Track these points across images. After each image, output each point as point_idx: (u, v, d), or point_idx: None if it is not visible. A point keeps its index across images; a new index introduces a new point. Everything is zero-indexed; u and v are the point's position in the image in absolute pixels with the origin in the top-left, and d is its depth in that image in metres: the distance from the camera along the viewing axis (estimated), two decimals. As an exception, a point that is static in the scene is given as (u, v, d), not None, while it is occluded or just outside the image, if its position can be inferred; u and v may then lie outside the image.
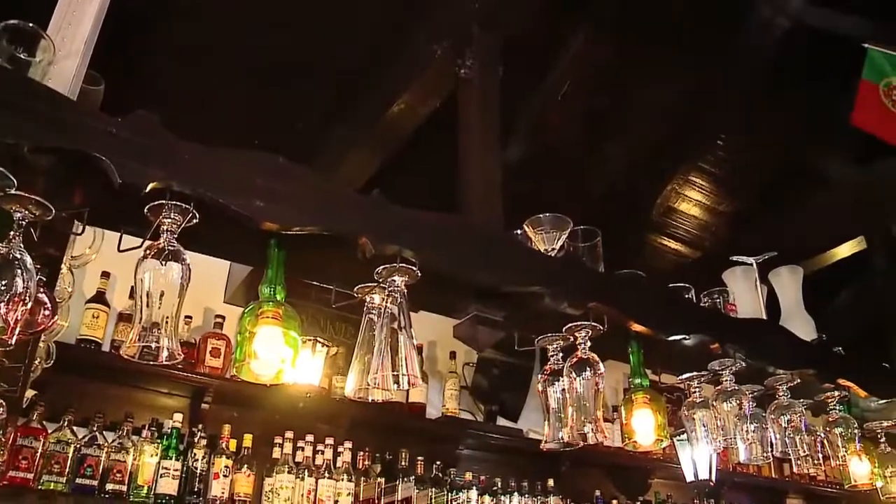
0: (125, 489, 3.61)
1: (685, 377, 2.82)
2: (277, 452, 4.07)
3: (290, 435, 4.11)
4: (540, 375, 2.45)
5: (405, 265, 2.10)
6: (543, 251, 2.32)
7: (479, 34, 2.98)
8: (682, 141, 5.50)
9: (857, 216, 4.64)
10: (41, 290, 1.99)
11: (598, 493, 5.12)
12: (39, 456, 3.44)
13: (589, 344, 2.35)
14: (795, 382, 3.00)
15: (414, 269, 2.11)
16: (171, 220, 1.95)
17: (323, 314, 4.59)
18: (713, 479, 4.76)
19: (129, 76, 3.60)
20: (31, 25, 1.84)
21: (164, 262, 1.97)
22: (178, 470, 3.74)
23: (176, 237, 1.98)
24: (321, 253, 2.30)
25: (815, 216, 4.85)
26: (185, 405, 4.08)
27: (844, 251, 4.76)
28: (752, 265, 3.12)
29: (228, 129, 3.98)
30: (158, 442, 3.77)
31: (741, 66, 5.41)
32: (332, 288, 2.42)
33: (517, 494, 4.64)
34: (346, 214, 2.10)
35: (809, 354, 3.02)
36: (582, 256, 2.39)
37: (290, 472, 4.03)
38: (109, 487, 3.58)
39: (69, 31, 1.94)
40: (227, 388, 3.98)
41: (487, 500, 4.54)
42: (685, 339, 2.50)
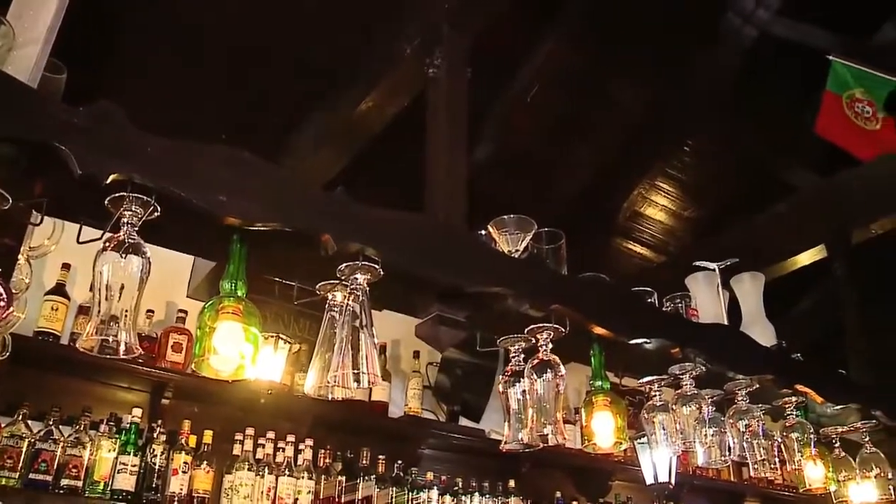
0: (81, 485, 3.55)
1: (646, 380, 2.84)
2: (238, 449, 4.04)
3: (250, 432, 4.08)
4: (501, 376, 2.45)
5: (367, 263, 2.10)
6: (507, 252, 2.32)
7: (448, 34, 2.98)
8: (649, 146, 5.54)
9: (818, 224, 4.70)
10: (-4, 280, 1.95)
11: (558, 494, 5.14)
12: (-8, 450, 3.39)
13: (550, 346, 2.36)
14: (754, 387, 3.04)
15: (376, 267, 2.10)
16: (131, 212, 1.92)
17: (286, 311, 4.57)
18: (673, 481, 4.80)
19: (92, 66, 3.57)
20: (-12, 10, 1.81)
21: (123, 254, 1.94)
22: (136, 465, 3.70)
23: (137, 230, 1.94)
24: (284, 249, 2.28)
25: (777, 223, 4.90)
26: (144, 400, 4.04)
27: (805, 259, 4.81)
28: (714, 271, 3.15)
29: (195, 123, 3.98)
30: (116, 437, 3.72)
31: (709, 73, 5.47)
32: (294, 284, 2.40)
33: (478, 494, 4.65)
34: (309, 211, 2.09)
35: (768, 360, 3.05)
36: (545, 258, 2.39)
37: (250, 469, 4.00)
38: (64, 483, 3.52)
39: (30, 16, 1.90)
40: (187, 383, 3.94)
41: (448, 499, 4.54)
42: (646, 342, 2.51)
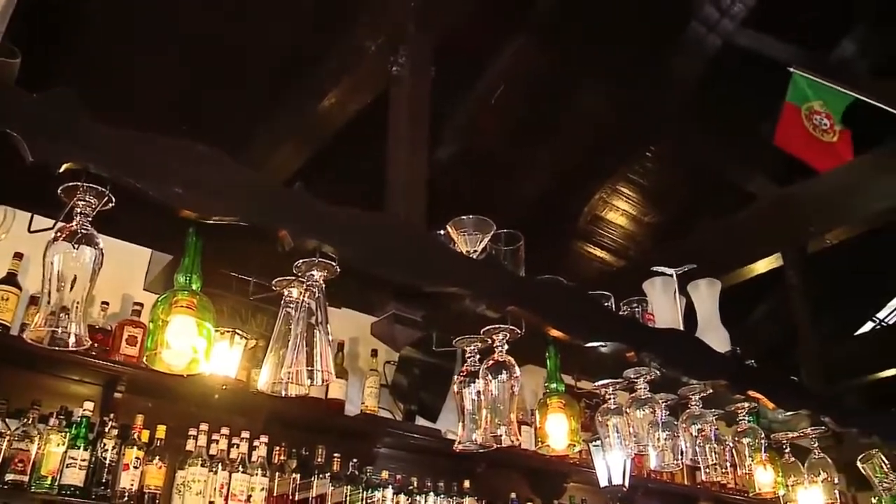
0: (27, 479, 3.47)
1: (600, 384, 2.86)
2: (191, 445, 3.98)
3: (204, 427, 4.02)
4: (456, 376, 2.45)
5: (324, 260, 2.08)
6: (465, 253, 2.32)
7: (413, 33, 2.97)
8: (612, 151, 5.59)
9: (774, 233, 4.77)
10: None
11: (513, 495, 5.15)
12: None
13: (506, 347, 2.36)
14: (708, 392, 3.07)
15: (333, 264, 2.09)
16: (85, 202, 1.89)
17: (244, 306, 4.53)
18: (627, 484, 4.83)
19: (50, 53, 3.51)
20: (-62, -8, 1.77)
21: (76, 245, 1.91)
22: (85, 460, 3.63)
23: (91, 220, 1.91)
24: (241, 244, 2.27)
25: (735, 231, 4.98)
26: (96, 393, 3.97)
27: (762, 266, 4.89)
28: (672, 276, 3.17)
29: (155, 114, 3.94)
30: (66, 431, 3.65)
31: (674, 80, 5.54)
32: (250, 280, 2.39)
33: (433, 494, 4.65)
34: (266, 206, 2.06)
35: (722, 366, 3.07)
36: (503, 260, 2.39)
37: (203, 465, 3.95)
38: (9, 478, 3.43)
39: (-19, 1, 1.86)
40: (141, 377, 3.87)
41: (403, 499, 4.53)
42: (602, 346, 2.52)
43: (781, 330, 5.81)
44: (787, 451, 3.74)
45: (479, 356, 2.44)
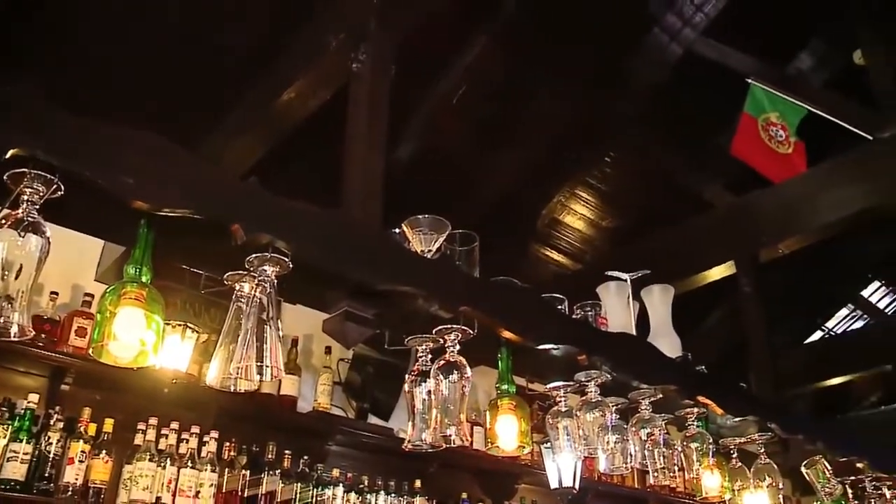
0: (-35, 473, 3.40)
1: (551, 386, 2.87)
2: (140, 439, 3.91)
3: (153, 421, 3.96)
4: (407, 375, 2.44)
5: (277, 256, 2.07)
6: (420, 252, 2.31)
7: (375, 30, 2.96)
8: (571, 155, 5.62)
9: (729, 241, 4.84)
10: None
11: (464, 495, 5.16)
12: None
13: (458, 347, 2.36)
14: (658, 397, 3.10)
15: (286, 260, 2.08)
16: (32, 189, 1.86)
17: (198, 300, 4.47)
18: (577, 486, 4.86)
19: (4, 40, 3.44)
20: None
21: (22, 233, 1.87)
22: (28, 454, 3.53)
23: (38, 209, 1.88)
24: (193, 237, 2.24)
25: (690, 238, 5.04)
26: (42, 385, 3.88)
27: (716, 274, 4.95)
28: (626, 281, 3.20)
29: (112, 104, 3.87)
30: (9, 423, 3.56)
31: (635, 86, 5.58)
32: (202, 273, 2.36)
33: (383, 493, 4.64)
34: (219, 199, 2.05)
35: (673, 371, 3.11)
36: (458, 260, 2.39)
37: (151, 459, 3.88)
38: (-54, 472, 3.36)
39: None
40: (89, 369, 3.78)
41: (353, 497, 4.51)
42: (554, 348, 2.53)
43: (734, 337, 5.89)
44: (734, 456, 3.79)
45: (430, 356, 2.44)
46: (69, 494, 3.59)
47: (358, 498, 4.53)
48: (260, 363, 2.11)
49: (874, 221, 5.89)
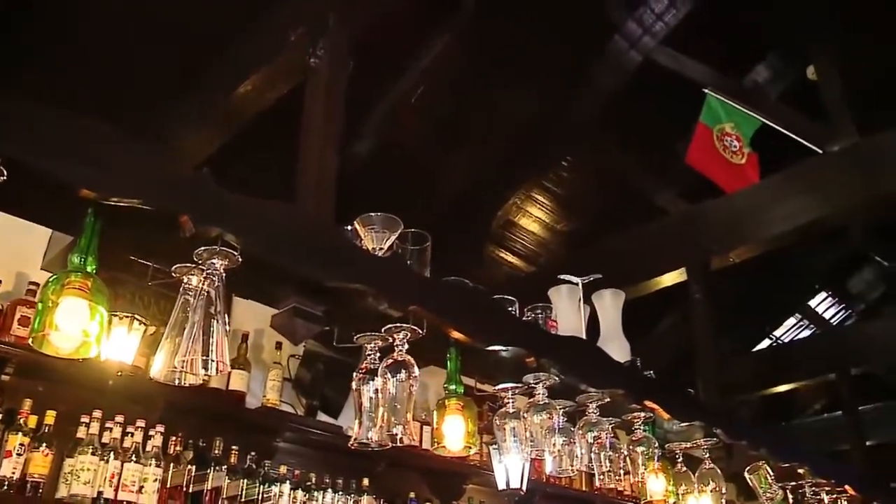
0: None
1: (500, 387, 2.88)
2: (83, 432, 3.84)
3: (97, 414, 3.89)
4: (355, 373, 2.44)
5: (226, 249, 2.05)
6: (371, 250, 2.31)
7: (334, 26, 2.94)
8: (529, 157, 5.65)
9: (681, 248, 4.90)
10: None
11: (412, 495, 5.15)
12: None
13: (407, 346, 2.36)
14: (605, 401, 3.13)
15: (234, 254, 2.06)
16: (-25, 176, 1.81)
17: (147, 291, 4.40)
18: (524, 488, 4.88)
19: None
20: None
21: (-39, 219, 1.82)
22: (-39, 447, 3.46)
23: (-21, 195, 1.84)
24: (142, 227, 2.20)
25: (644, 244, 5.09)
26: (-20, 375, 3.80)
27: (668, 280, 5.01)
28: (577, 285, 3.22)
29: (65, 91, 3.80)
30: (-56, 416, 3.49)
31: (594, 92, 5.63)
32: (150, 264, 2.33)
33: (331, 491, 4.61)
34: (169, 190, 2.01)
35: (621, 375, 3.14)
36: (409, 259, 2.39)
37: (94, 453, 3.81)
38: None
39: None
40: (31, 359, 3.68)
41: (300, 495, 4.47)
42: (503, 350, 2.54)
43: (684, 343, 5.97)
44: (679, 460, 3.84)
45: (379, 354, 2.43)
46: (4, 488, 3.51)
47: (305, 495, 4.49)
48: (206, 357, 2.10)
49: (823, 233, 6.04)
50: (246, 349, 4.73)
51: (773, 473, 4.08)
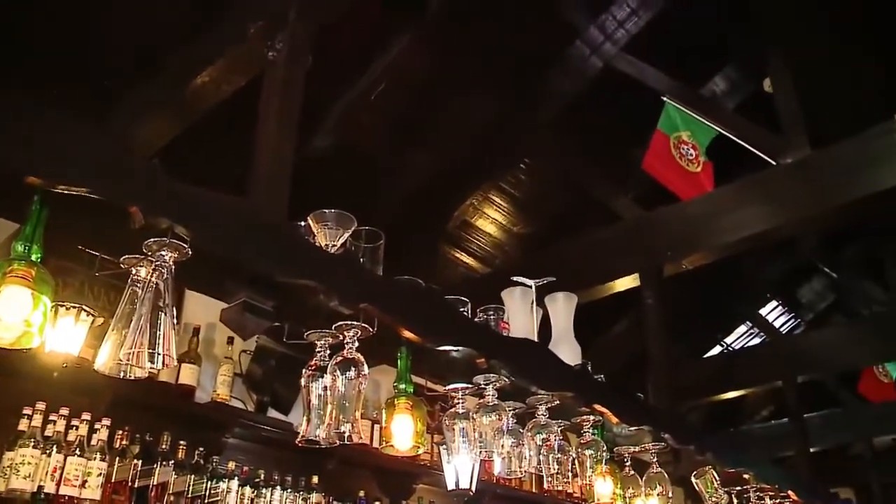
0: None
1: (450, 387, 2.88)
2: (24, 424, 3.75)
3: (41, 406, 3.81)
4: (304, 370, 2.42)
5: (176, 241, 2.02)
6: (324, 246, 2.29)
7: (294, 20, 2.92)
8: (487, 159, 5.66)
9: (635, 254, 4.95)
10: None
11: (362, 493, 5.13)
12: None
13: (357, 344, 2.35)
14: (555, 403, 3.15)
15: (185, 246, 2.03)
16: (-85, 159, 1.77)
17: (97, 282, 4.33)
18: (473, 488, 4.89)
19: None
20: None
21: None
22: None
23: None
24: (91, 217, 2.17)
25: (598, 249, 5.14)
26: (-83, 367, 3.70)
27: (621, 285, 5.06)
28: (530, 287, 3.23)
29: (17, 75, 3.73)
30: None
31: (553, 96, 5.66)
32: (97, 255, 2.29)
33: (279, 488, 4.57)
34: (119, 179, 1.97)
35: (571, 378, 3.14)
36: (362, 257, 2.38)
37: (35, 446, 3.71)
38: None
39: None
40: (-29, 349, 3.63)
41: (248, 491, 4.43)
42: (454, 350, 2.54)
43: (637, 347, 6.04)
44: (627, 464, 3.87)
45: (329, 351, 2.42)
46: (-64, 482, 3.43)
47: (253, 492, 4.45)
48: (152, 350, 2.07)
49: (774, 243, 6.15)
50: (197, 343, 4.67)
51: (718, 478, 4.13)
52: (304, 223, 2.35)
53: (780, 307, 9.81)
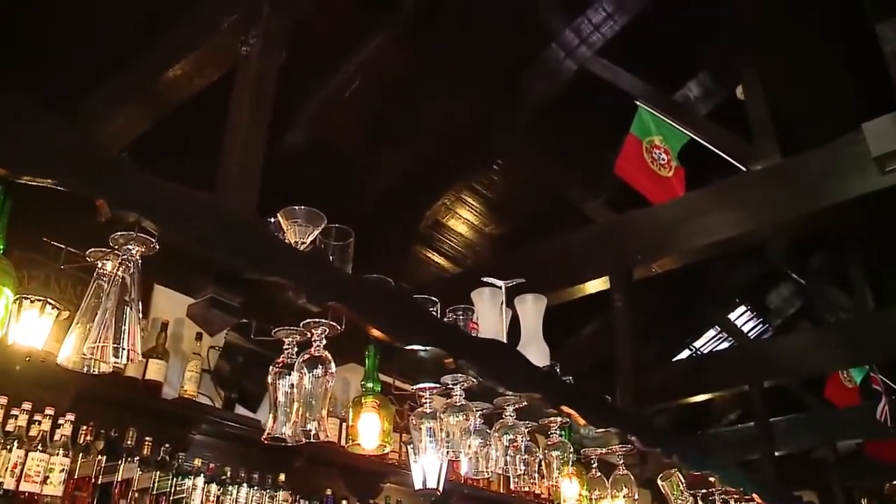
0: None
1: (417, 387, 2.88)
2: (-14, 420, 3.72)
3: (2, 401, 3.75)
4: (271, 367, 2.41)
5: (143, 235, 2.00)
6: (293, 243, 2.28)
7: (268, 15, 2.90)
8: (460, 159, 5.67)
9: (605, 257, 4.98)
10: None
11: (329, 491, 5.11)
12: None
13: (324, 342, 2.34)
14: (522, 405, 3.15)
15: (152, 240, 2.01)
16: None
17: (63, 275, 4.26)
18: (441, 488, 4.89)
19: None
20: None
21: None
22: None
23: None
24: (57, 208, 2.14)
25: (569, 251, 5.16)
26: None
27: (591, 288, 5.08)
28: (500, 288, 3.24)
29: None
30: None
31: (528, 98, 5.68)
32: (63, 247, 2.26)
33: (246, 486, 4.54)
34: (86, 171, 1.95)
35: (539, 380, 3.15)
36: (331, 255, 2.37)
37: (-5, 441, 3.69)
38: None
39: None
40: (-67, 342, 3.57)
41: (214, 488, 4.39)
42: (422, 350, 2.54)
43: (607, 349, 6.07)
44: (594, 465, 3.89)
45: (297, 349, 2.41)
46: None
47: (219, 489, 4.42)
48: (117, 345, 2.04)
49: (744, 249, 6.21)
50: (165, 338, 4.63)
51: (684, 481, 4.16)
52: (273, 220, 2.34)
53: (748, 312, 9.92)
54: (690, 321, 9.47)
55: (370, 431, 2.62)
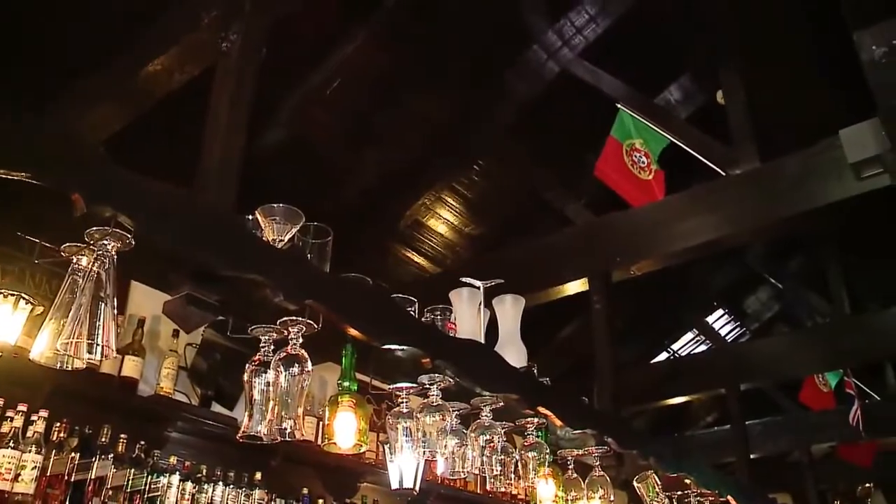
0: None
1: (394, 387, 2.88)
2: (-45, 416, 3.67)
3: (-26, 397, 3.73)
4: (248, 365, 2.40)
5: (119, 231, 1.99)
6: (271, 241, 2.27)
7: (249, 10, 2.88)
8: (441, 159, 5.67)
9: (584, 259, 4.99)
10: None
11: (305, 490, 5.09)
12: None
13: (301, 341, 2.34)
14: (499, 405, 3.16)
15: (128, 236, 2.00)
16: None
17: (38, 270, 4.22)
18: (417, 488, 4.87)
19: None
20: None
21: None
22: None
23: None
24: (32, 202, 2.12)
25: (549, 252, 5.17)
26: None
27: (570, 289, 5.09)
28: (478, 288, 3.24)
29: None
30: None
31: (510, 98, 5.69)
32: (37, 241, 2.24)
33: (222, 484, 4.51)
34: (62, 165, 1.94)
35: (516, 380, 3.16)
36: (310, 253, 2.37)
37: (-34, 438, 3.64)
38: None
39: None
40: None
41: (189, 486, 4.36)
42: (399, 349, 2.54)
43: (585, 350, 6.09)
44: (571, 467, 3.90)
45: (273, 347, 2.41)
46: None
47: (194, 487, 4.38)
48: (91, 341, 2.03)
49: (722, 253, 6.25)
50: (141, 335, 4.60)
51: (660, 482, 4.19)
52: (251, 217, 2.33)
53: (725, 315, 9.98)
54: (668, 324, 9.52)
55: (346, 430, 2.62)
